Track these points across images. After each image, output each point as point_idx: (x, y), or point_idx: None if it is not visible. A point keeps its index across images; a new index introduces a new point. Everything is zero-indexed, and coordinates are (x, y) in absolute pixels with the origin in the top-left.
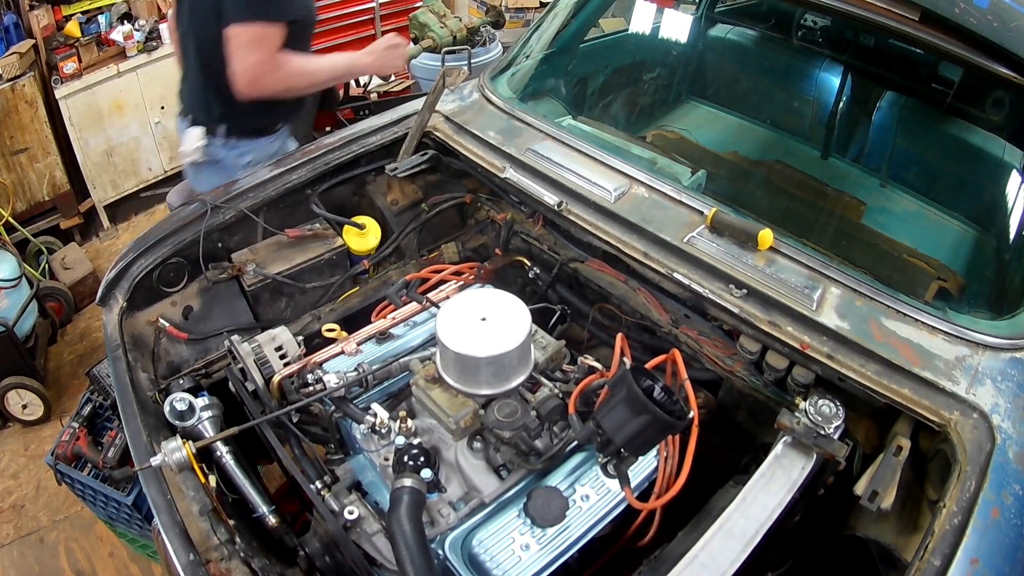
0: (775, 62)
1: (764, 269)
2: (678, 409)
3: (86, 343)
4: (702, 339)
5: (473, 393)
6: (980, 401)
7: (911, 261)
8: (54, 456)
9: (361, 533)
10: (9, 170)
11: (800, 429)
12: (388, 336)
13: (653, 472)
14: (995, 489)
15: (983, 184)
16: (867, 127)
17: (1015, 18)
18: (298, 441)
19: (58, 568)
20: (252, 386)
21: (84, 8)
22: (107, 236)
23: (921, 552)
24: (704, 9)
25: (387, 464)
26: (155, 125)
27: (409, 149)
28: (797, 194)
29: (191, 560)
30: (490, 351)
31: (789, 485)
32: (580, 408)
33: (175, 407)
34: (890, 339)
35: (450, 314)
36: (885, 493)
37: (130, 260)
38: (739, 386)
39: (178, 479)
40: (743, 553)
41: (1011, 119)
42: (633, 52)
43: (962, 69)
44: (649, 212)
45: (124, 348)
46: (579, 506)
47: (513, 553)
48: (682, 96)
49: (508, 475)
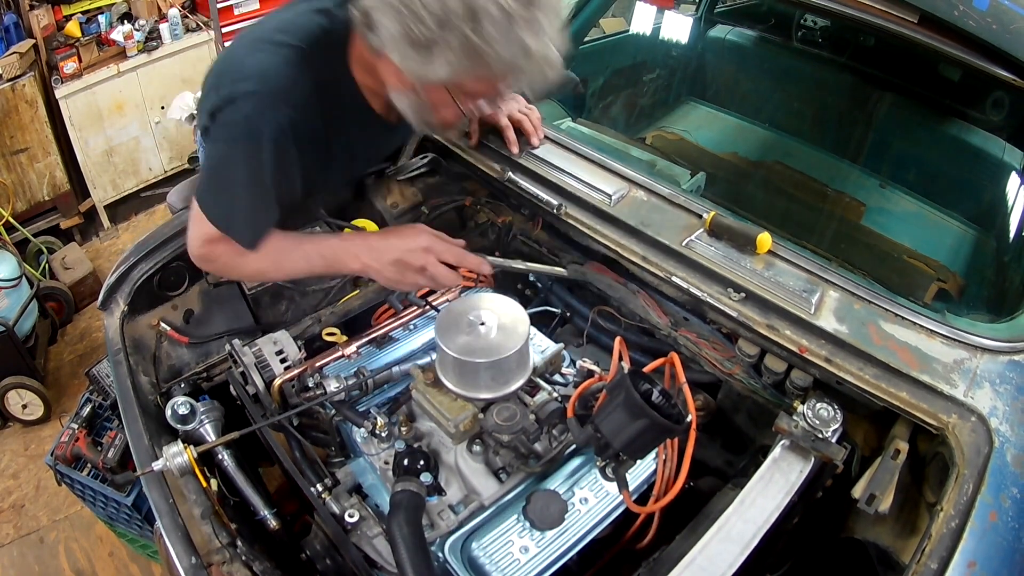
0: (775, 63)
1: (762, 273)
2: (676, 413)
3: (86, 343)
4: (701, 342)
5: (472, 397)
6: (978, 404)
7: (911, 262)
8: (54, 456)
9: (362, 536)
10: (9, 170)
11: (798, 432)
12: (388, 340)
13: (652, 475)
14: (993, 492)
15: (983, 185)
16: (867, 128)
17: (1014, 20)
18: (299, 444)
19: (58, 568)
20: (253, 390)
21: (84, 8)
22: (107, 236)
23: (918, 555)
24: (704, 10)
25: (387, 467)
26: (155, 125)
27: (409, 152)
28: (797, 195)
29: (193, 563)
30: (489, 356)
31: (787, 488)
32: (579, 411)
33: (176, 411)
34: (888, 342)
35: (449, 318)
36: (883, 496)
37: (131, 264)
38: (738, 388)
39: (180, 483)
40: (741, 556)
41: (1011, 120)
42: (633, 53)
43: (961, 70)
44: (648, 215)
45: (125, 352)
46: (578, 509)
47: (512, 556)
48: (682, 97)
49: (507, 478)
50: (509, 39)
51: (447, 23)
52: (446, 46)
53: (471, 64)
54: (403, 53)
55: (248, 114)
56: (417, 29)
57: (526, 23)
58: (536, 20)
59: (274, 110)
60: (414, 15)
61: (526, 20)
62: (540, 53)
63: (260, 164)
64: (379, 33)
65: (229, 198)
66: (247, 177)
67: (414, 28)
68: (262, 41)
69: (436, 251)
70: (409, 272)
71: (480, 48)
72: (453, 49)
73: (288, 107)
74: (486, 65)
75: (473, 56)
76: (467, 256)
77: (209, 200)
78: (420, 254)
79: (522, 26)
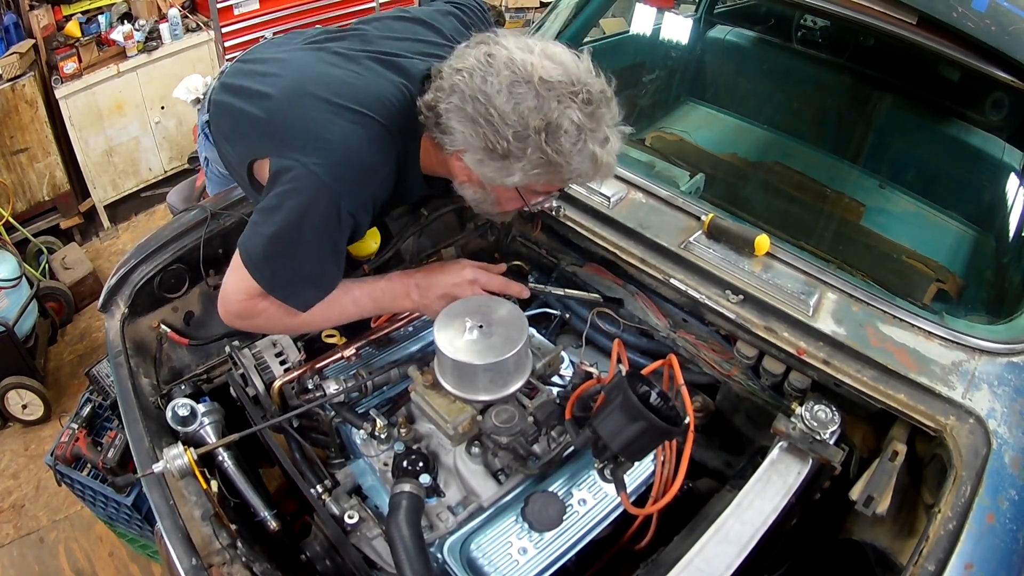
0: (774, 63)
1: (760, 275)
2: (674, 415)
3: (86, 343)
4: (700, 343)
5: (471, 399)
6: (976, 406)
7: (910, 263)
8: (54, 456)
9: (361, 537)
10: (9, 170)
11: (796, 434)
12: (387, 342)
13: (650, 476)
14: (990, 494)
15: (982, 185)
16: (866, 128)
17: (1013, 22)
18: (299, 446)
19: (58, 568)
20: (253, 391)
21: (84, 8)
22: (107, 236)
23: (916, 557)
24: (703, 11)
25: (387, 469)
26: (155, 125)
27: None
28: (796, 195)
29: (194, 564)
30: (487, 358)
31: (785, 490)
32: (577, 413)
33: (177, 412)
34: (886, 344)
35: (448, 320)
36: (881, 498)
37: (131, 266)
38: (736, 390)
39: (180, 484)
40: (739, 557)
41: (1010, 120)
42: (632, 54)
43: (960, 71)
44: (646, 217)
45: (126, 354)
46: (576, 510)
47: (511, 557)
48: (681, 98)
49: (506, 480)
50: (582, 153)
51: (525, 137)
52: (523, 157)
53: (545, 173)
54: (479, 159)
55: (328, 184)
56: (495, 140)
57: (595, 135)
58: (602, 131)
59: (358, 186)
60: (492, 128)
61: (594, 132)
62: (605, 161)
63: (338, 234)
64: (453, 137)
65: (291, 263)
66: (318, 244)
67: (492, 139)
68: (341, 108)
69: (481, 282)
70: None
71: (555, 160)
72: (530, 160)
73: (374, 186)
74: (559, 175)
75: (548, 167)
76: (510, 284)
77: (261, 261)
78: (467, 287)
79: (591, 138)
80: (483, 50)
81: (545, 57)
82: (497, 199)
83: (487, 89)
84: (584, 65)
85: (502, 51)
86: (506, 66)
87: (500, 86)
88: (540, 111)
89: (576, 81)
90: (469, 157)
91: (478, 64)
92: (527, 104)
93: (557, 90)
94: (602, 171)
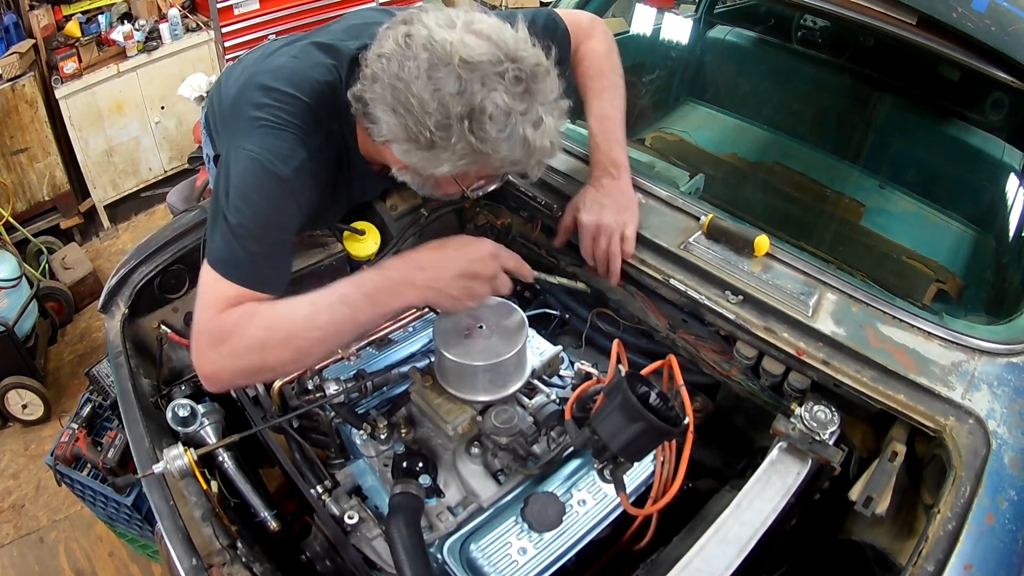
0: (774, 64)
1: (760, 275)
2: (673, 415)
3: (86, 343)
4: (699, 344)
5: (471, 399)
6: (976, 406)
7: (910, 263)
8: (54, 456)
9: (361, 537)
10: (9, 170)
11: (795, 435)
12: (387, 342)
13: (650, 476)
14: (990, 494)
15: (982, 186)
16: (866, 128)
17: (1013, 22)
18: (299, 446)
19: (58, 568)
20: (253, 392)
21: (84, 8)
22: (107, 236)
23: (915, 557)
24: (703, 11)
25: (386, 469)
26: (155, 125)
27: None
28: (796, 195)
29: (194, 565)
30: (487, 359)
31: (784, 490)
32: (577, 414)
33: (177, 413)
34: (886, 345)
35: (447, 321)
36: (880, 498)
37: (132, 267)
38: (736, 390)
39: (180, 485)
40: (738, 558)
41: (1010, 120)
42: (632, 54)
43: (960, 72)
44: (646, 218)
45: (127, 354)
46: (576, 511)
47: (510, 557)
48: (681, 98)
49: (506, 480)
50: (511, 139)
51: (448, 126)
52: (449, 147)
53: (473, 163)
54: (405, 150)
55: (256, 156)
56: (418, 131)
57: (525, 118)
58: (534, 112)
59: (289, 154)
60: (414, 117)
61: (525, 114)
62: (538, 145)
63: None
64: (379, 127)
65: (244, 245)
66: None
67: (414, 129)
68: (273, 91)
69: (502, 257)
70: (478, 283)
71: (481, 148)
72: (455, 151)
73: (304, 155)
74: (488, 162)
75: (475, 156)
76: (523, 264)
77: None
78: (490, 261)
79: (522, 122)
80: (402, 31)
81: (468, 32)
82: (436, 183)
83: (404, 75)
84: (515, 35)
85: (421, 30)
86: (424, 48)
87: (418, 71)
88: (462, 96)
89: (504, 57)
90: (396, 148)
91: (396, 48)
92: (447, 90)
93: (480, 70)
94: (536, 155)
